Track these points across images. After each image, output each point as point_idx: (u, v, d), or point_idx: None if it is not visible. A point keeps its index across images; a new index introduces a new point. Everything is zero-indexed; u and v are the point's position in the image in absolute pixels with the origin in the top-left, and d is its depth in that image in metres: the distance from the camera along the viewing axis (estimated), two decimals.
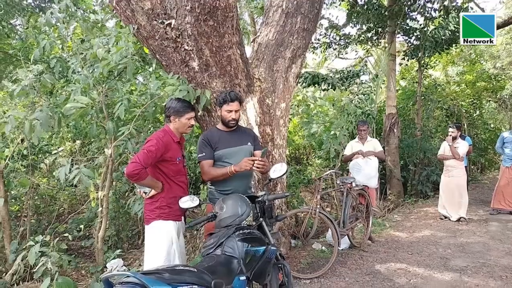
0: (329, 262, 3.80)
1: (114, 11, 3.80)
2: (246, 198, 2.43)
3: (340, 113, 7.76)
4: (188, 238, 4.74)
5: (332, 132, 5.93)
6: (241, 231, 2.25)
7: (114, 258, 3.98)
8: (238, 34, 3.70)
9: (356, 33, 10.32)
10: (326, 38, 10.52)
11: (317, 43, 10.66)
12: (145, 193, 2.62)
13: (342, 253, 4.43)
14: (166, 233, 2.61)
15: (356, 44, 10.63)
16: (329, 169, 7.17)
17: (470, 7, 9.22)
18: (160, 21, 3.45)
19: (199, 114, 3.86)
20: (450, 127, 6.05)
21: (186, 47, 3.47)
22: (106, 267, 3.79)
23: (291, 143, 9.45)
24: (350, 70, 10.44)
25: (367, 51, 11.94)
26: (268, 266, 2.34)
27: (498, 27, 11.46)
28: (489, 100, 14.28)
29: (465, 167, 7.60)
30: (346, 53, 11.93)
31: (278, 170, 2.67)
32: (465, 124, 11.82)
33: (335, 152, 6.10)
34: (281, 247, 4.30)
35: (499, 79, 13.09)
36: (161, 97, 3.41)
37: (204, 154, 2.82)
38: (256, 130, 4.02)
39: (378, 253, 4.49)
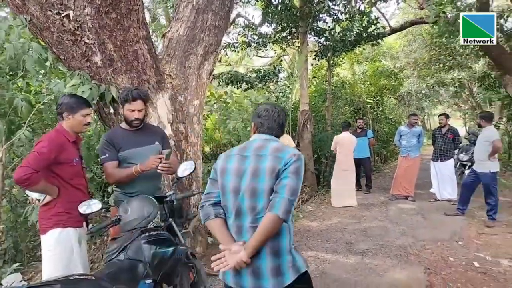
0: None
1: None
2: (152, 198, 2.36)
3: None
4: (98, 244, 4.46)
5: (248, 129, 6.05)
6: (147, 234, 2.18)
7: (11, 273, 3.61)
8: (145, 28, 3.57)
9: (272, 33, 10.64)
10: (245, 37, 10.66)
11: (236, 42, 10.76)
12: (38, 200, 2.39)
13: None
14: (65, 241, 2.41)
15: (272, 43, 10.95)
16: None
17: (376, 17, 10.11)
18: (55, 11, 3.16)
19: (105, 112, 3.65)
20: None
21: (87, 41, 3.24)
22: (1, 284, 3.40)
23: (211, 140, 9.43)
24: (268, 69, 10.77)
25: (283, 50, 12.38)
26: (178, 266, 2.30)
27: (396, 31, 12.79)
28: (390, 97, 15.82)
29: (369, 158, 8.40)
30: (266, 50, 12.22)
31: (187, 168, 2.64)
32: (370, 119, 12.94)
33: None
34: (198, 245, 4.28)
35: (398, 76, 14.60)
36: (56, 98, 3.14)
37: (107, 155, 2.64)
38: (168, 128, 3.93)
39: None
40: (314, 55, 10.46)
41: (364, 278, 3.58)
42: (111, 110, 3.58)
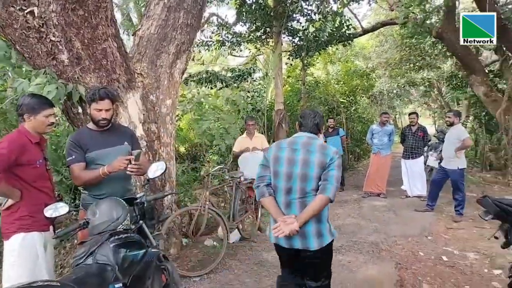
0: (218, 257, 3.85)
1: None
2: (121, 201, 2.29)
3: (232, 109, 7.91)
4: (67, 248, 4.32)
5: (221, 127, 6.00)
6: (116, 237, 2.12)
7: None
8: (114, 26, 3.47)
9: (246, 32, 10.64)
10: (219, 36, 10.61)
11: (211, 41, 10.69)
12: (0, 204, 2.28)
13: (233, 246, 4.53)
14: (30, 246, 2.32)
15: (246, 42, 10.95)
16: (224, 165, 7.25)
17: (347, 17, 10.28)
18: (18, 7, 3.02)
19: (73, 112, 3.54)
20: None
21: (52, 38, 3.11)
22: None
23: (185, 140, 9.32)
24: (243, 69, 10.77)
25: (258, 49, 12.40)
26: (149, 269, 2.25)
27: (368, 32, 13.06)
28: (363, 96, 16.14)
29: (342, 155, 8.50)
30: (241, 50, 12.20)
31: (158, 169, 2.59)
32: (344, 118, 13.16)
33: (225, 147, 6.19)
34: (172, 247, 4.21)
35: (370, 76, 14.92)
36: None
37: (73, 157, 2.54)
38: (140, 128, 3.85)
39: (266, 242, 4.69)
40: (288, 55, 10.54)
41: (337, 275, 3.62)
42: (79, 110, 3.47)
